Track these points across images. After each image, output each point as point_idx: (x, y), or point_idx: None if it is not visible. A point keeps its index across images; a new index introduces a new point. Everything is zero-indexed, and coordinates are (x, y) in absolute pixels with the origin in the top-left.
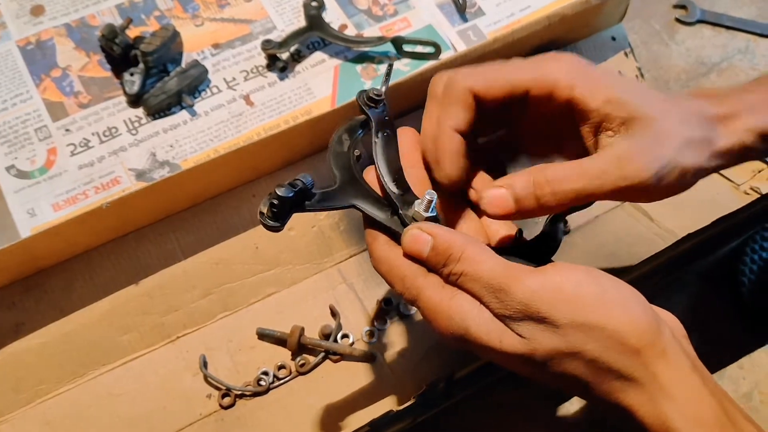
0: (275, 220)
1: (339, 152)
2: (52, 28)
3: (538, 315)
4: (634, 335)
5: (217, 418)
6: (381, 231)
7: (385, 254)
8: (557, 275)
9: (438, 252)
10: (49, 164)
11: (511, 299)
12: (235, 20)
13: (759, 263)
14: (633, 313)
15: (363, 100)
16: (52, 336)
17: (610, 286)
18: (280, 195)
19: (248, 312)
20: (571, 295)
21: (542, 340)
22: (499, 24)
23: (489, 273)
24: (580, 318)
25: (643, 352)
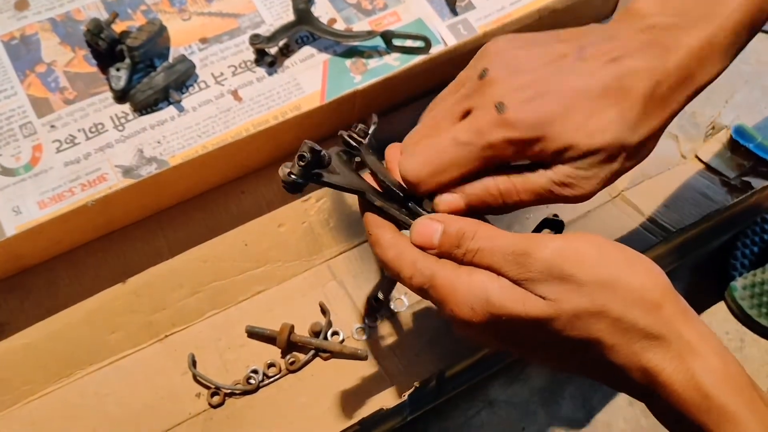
0: (300, 178)
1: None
2: (37, 22)
3: (562, 273)
4: (656, 291)
5: (207, 417)
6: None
7: (394, 240)
8: (578, 239)
9: (450, 235)
10: (34, 161)
11: (534, 261)
12: (223, 14)
13: (750, 257)
14: (654, 273)
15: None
16: (38, 336)
17: (630, 251)
18: (311, 147)
19: (237, 310)
20: (594, 255)
21: (567, 300)
22: (490, 18)
23: (508, 243)
24: (603, 276)
25: (664, 307)
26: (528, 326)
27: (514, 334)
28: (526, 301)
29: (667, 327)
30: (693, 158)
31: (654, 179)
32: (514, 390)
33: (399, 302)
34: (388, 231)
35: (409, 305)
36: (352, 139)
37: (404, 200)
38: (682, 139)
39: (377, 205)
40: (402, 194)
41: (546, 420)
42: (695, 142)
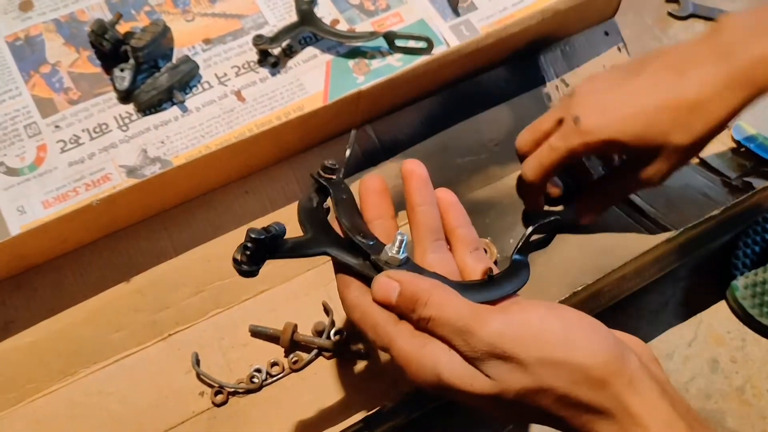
0: (250, 265)
1: (308, 208)
2: (41, 23)
3: (504, 354)
4: (598, 367)
5: (210, 416)
6: (353, 277)
7: (358, 301)
8: (520, 313)
9: (406, 298)
10: (38, 161)
11: (477, 341)
12: (226, 15)
13: (752, 257)
14: (596, 345)
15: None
16: (42, 334)
17: (572, 320)
18: (253, 237)
19: (240, 309)
20: (535, 333)
21: (510, 380)
22: (492, 19)
23: (455, 316)
24: (545, 355)
25: (609, 383)
26: (479, 399)
27: (467, 400)
28: (474, 381)
29: (612, 401)
30: (694, 159)
31: None
32: None
33: None
34: (353, 290)
35: None
36: (321, 178)
37: (367, 253)
38: None
39: (341, 262)
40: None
41: None
42: None
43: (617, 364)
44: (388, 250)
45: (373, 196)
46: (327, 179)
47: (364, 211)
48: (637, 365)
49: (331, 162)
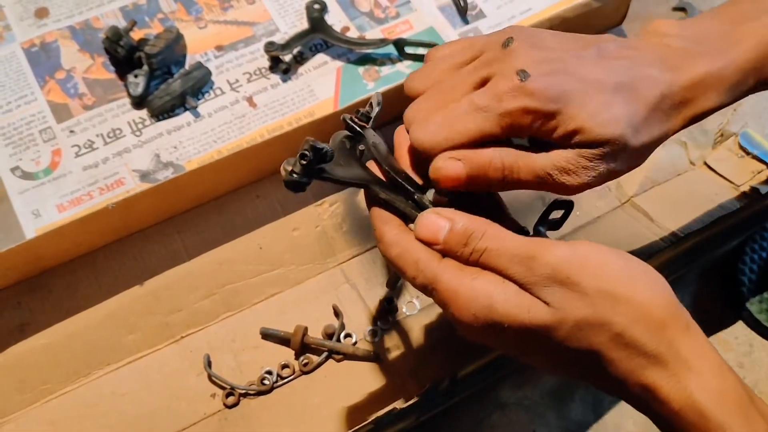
0: (302, 176)
1: (344, 148)
2: (56, 30)
3: (567, 280)
4: (659, 308)
5: (221, 417)
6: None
7: (398, 237)
8: (584, 247)
9: (457, 234)
10: (53, 165)
11: (540, 265)
12: (238, 22)
13: (759, 263)
14: (657, 287)
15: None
16: (57, 336)
17: (634, 261)
18: (313, 145)
19: (252, 312)
20: (600, 266)
21: (571, 308)
22: (500, 26)
23: (516, 245)
24: (608, 287)
25: (667, 326)
26: (530, 333)
27: (516, 340)
28: (531, 308)
29: (666, 346)
30: (702, 165)
31: (663, 186)
32: (525, 392)
33: (410, 305)
34: (393, 226)
35: (420, 308)
36: (354, 124)
37: (410, 191)
38: (691, 147)
39: (382, 197)
40: (407, 185)
41: (556, 422)
42: (704, 149)
43: (675, 308)
44: (432, 192)
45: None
46: (361, 126)
47: (400, 162)
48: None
49: (366, 109)
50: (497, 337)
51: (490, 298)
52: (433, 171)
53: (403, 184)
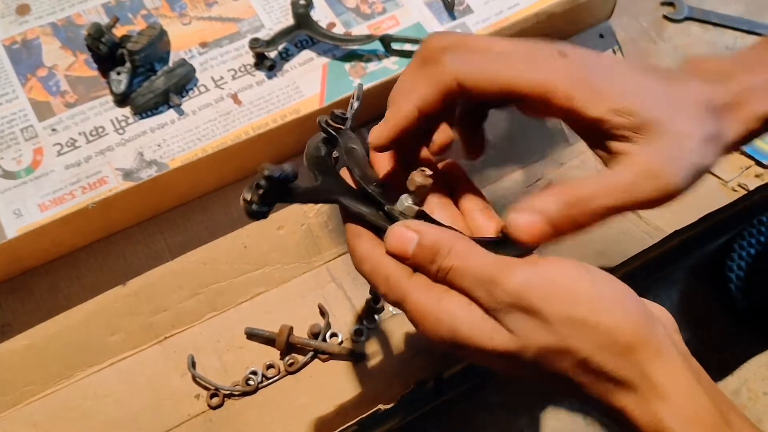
0: (261, 206)
1: (316, 156)
2: (38, 27)
3: (529, 307)
4: (626, 333)
5: (206, 419)
6: (364, 227)
7: (368, 253)
8: (549, 267)
9: (425, 248)
10: (35, 164)
11: (501, 291)
12: (223, 19)
13: (747, 259)
14: (625, 310)
15: (327, 123)
16: (39, 337)
17: (602, 281)
18: (267, 175)
19: (236, 312)
20: (563, 289)
21: (533, 336)
22: (488, 22)
23: (479, 265)
24: (572, 314)
25: (636, 350)
26: (496, 356)
27: (485, 360)
28: (493, 336)
29: (635, 371)
30: None
31: None
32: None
33: None
34: (365, 240)
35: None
36: (329, 127)
37: (380, 202)
38: None
39: (352, 211)
40: (378, 196)
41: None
42: None
43: (644, 332)
44: (403, 200)
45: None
46: (335, 128)
47: (375, 163)
48: (663, 335)
49: (341, 111)
50: (466, 355)
51: (455, 321)
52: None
53: (373, 193)
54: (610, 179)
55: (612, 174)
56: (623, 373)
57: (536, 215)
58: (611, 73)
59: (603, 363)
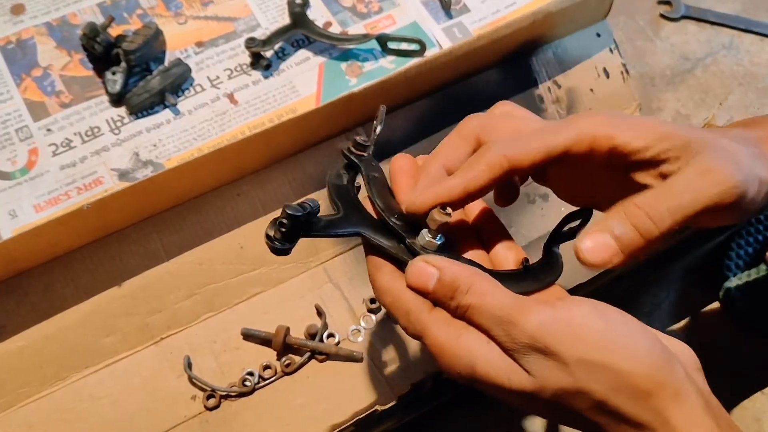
0: (283, 243)
1: (338, 185)
2: (33, 27)
3: (546, 349)
4: (643, 377)
5: (202, 420)
6: (385, 259)
7: (389, 285)
8: (566, 309)
9: (444, 285)
10: (30, 165)
11: (519, 332)
12: (219, 18)
13: (745, 258)
14: (642, 353)
15: (349, 151)
16: (34, 339)
17: (617, 324)
18: (290, 213)
19: (233, 312)
20: (577, 331)
21: (550, 377)
22: (484, 21)
23: (497, 305)
24: (587, 356)
25: (653, 394)
26: (513, 394)
27: (502, 396)
28: (511, 375)
29: (653, 414)
30: None
31: None
32: None
33: None
34: (386, 273)
35: None
36: (351, 154)
37: (401, 236)
38: None
39: (374, 243)
40: (398, 228)
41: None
42: None
43: (662, 375)
44: (425, 234)
45: (406, 177)
46: (358, 156)
47: (397, 192)
48: (683, 376)
49: (363, 138)
50: (484, 389)
51: (473, 359)
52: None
53: (394, 226)
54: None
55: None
56: (641, 416)
57: (605, 235)
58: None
59: (620, 405)
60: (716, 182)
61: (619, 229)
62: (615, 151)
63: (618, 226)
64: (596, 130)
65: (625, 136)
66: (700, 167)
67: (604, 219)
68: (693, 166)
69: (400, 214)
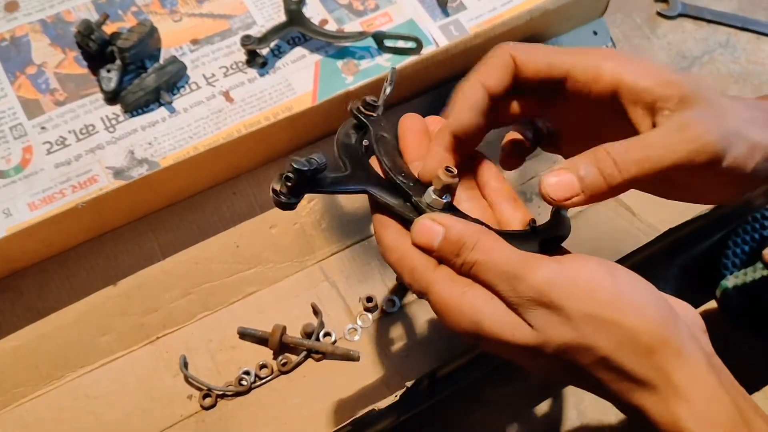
0: (289, 197)
1: (347, 143)
2: (27, 24)
3: (551, 303)
4: (647, 333)
5: (198, 419)
6: (391, 217)
7: (395, 243)
8: (572, 265)
9: (450, 242)
10: (24, 163)
11: (525, 286)
12: (214, 15)
13: (741, 257)
14: (647, 310)
15: (358, 110)
16: (28, 338)
17: (624, 280)
18: (296, 168)
19: (229, 311)
20: (586, 287)
21: (554, 332)
22: (481, 18)
23: (504, 261)
24: (593, 311)
25: (657, 351)
26: (517, 349)
27: (505, 352)
28: (515, 330)
29: (655, 371)
30: None
31: None
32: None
33: (390, 303)
34: (392, 231)
35: (400, 306)
36: (360, 114)
37: (408, 194)
38: None
39: (381, 202)
40: (405, 187)
41: (538, 420)
42: None
43: (667, 332)
44: (431, 193)
45: (414, 136)
46: (366, 116)
47: (405, 151)
48: (687, 335)
49: (372, 98)
50: (488, 347)
51: (477, 314)
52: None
53: (401, 185)
54: (644, 136)
55: (647, 133)
56: (643, 372)
57: (570, 174)
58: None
59: (623, 362)
60: (689, 139)
61: (584, 170)
62: (619, 87)
63: (584, 167)
64: (603, 63)
65: (631, 75)
66: (680, 122)
67: (574, 158)
68: (673, 120)
69: (407, 173)
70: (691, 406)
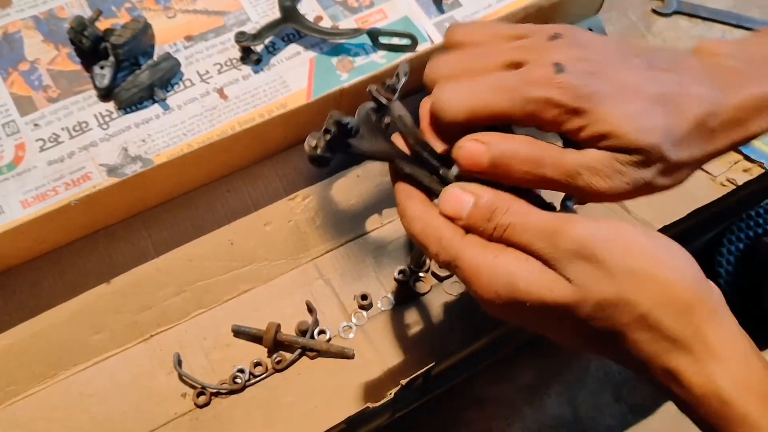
0: (325, 151)
1: (370, 120)
2: (20, 20)
3: (593, 256)
4: (687, 290)
5: (192, 417)
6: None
7: (420, 212)
8: (611, 224)
9: (481, 208)
10: (17, 160)
11: (565, 239)
12: (208, 12)
13: (736, 254)
14: (685, 268)
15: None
16: (21, 336)
17: (661, 240)
18: (338, 120)
19: (223, 309)
20: (626, 243)
21: (594, 286)
22: (476, 15)
23: (541, 219)
24: (634, 266)
25: (694, 310)
26: (552, 311)
27: (538, 317)
28: (553, 286)
29: (692, 331)
30: None
31: None
32: (500, 387)
33: (385, 300)
34: (417, 201)
35: (395, 304)
36: (380, 95)
37: (435, 166)
38: None
39: (407, 171)
40: (432, 159)
41: (533, 417)
42: None
43: (703, 292)
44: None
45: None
46: (387, 98)
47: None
48: (720, 297)
49: (392, 82)
50: (519, 314)
51: (512, 276)
52: (455, 151)
53: (428, 158)
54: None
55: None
56: (680, 331)
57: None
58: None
59: (662, 319)
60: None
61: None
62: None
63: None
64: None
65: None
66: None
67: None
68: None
69: (431, 149)
70: (726, 367)
